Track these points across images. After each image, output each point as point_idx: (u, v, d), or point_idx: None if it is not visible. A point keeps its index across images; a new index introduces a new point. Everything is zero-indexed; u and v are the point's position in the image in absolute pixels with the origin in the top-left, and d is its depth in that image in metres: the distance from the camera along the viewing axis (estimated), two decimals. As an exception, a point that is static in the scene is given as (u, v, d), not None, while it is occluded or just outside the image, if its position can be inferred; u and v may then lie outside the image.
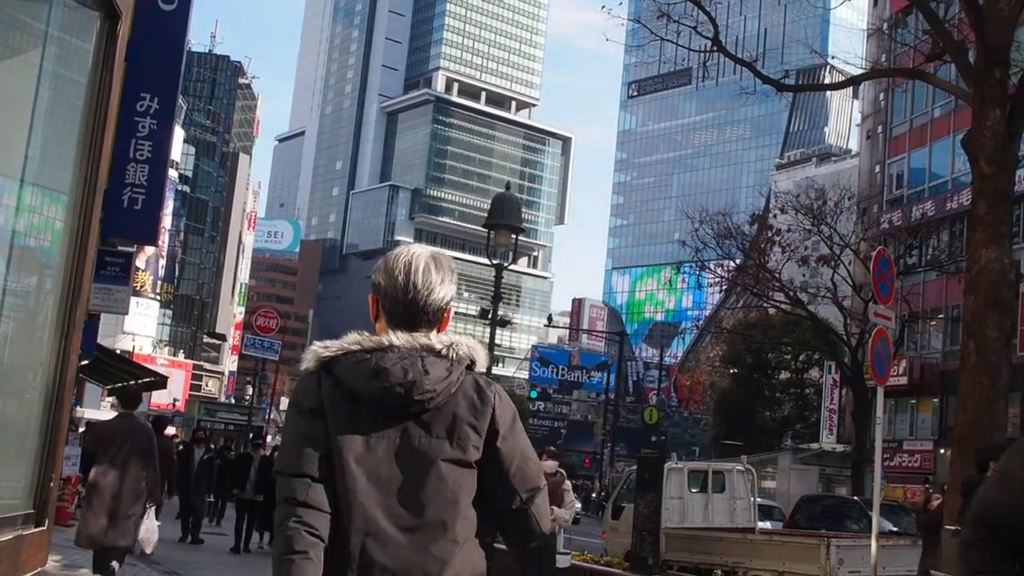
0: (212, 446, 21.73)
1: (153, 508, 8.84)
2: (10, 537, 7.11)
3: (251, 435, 23.55)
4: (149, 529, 8.74)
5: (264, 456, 16.48)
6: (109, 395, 45.66)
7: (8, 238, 7.09)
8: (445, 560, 2.27)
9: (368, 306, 2.52)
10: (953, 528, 6.98)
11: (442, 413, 2.33)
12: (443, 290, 2.44)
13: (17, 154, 7.08)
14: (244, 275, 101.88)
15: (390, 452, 2.31)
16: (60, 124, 7.95)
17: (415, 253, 2.47)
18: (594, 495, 46.34)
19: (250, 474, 15.73)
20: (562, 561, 10.50)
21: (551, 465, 10.27)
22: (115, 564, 8.51)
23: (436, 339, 2.39)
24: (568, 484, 10.62)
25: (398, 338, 2.37)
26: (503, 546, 2.51)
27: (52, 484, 8.11)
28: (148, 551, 9.22)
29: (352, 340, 2.38)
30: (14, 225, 7.13)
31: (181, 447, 21.61)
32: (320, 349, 2.40)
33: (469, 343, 2.43)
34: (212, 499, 18.17)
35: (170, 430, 26.40)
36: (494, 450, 2.36)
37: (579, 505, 12.12)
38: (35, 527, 7.76)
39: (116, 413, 9.57)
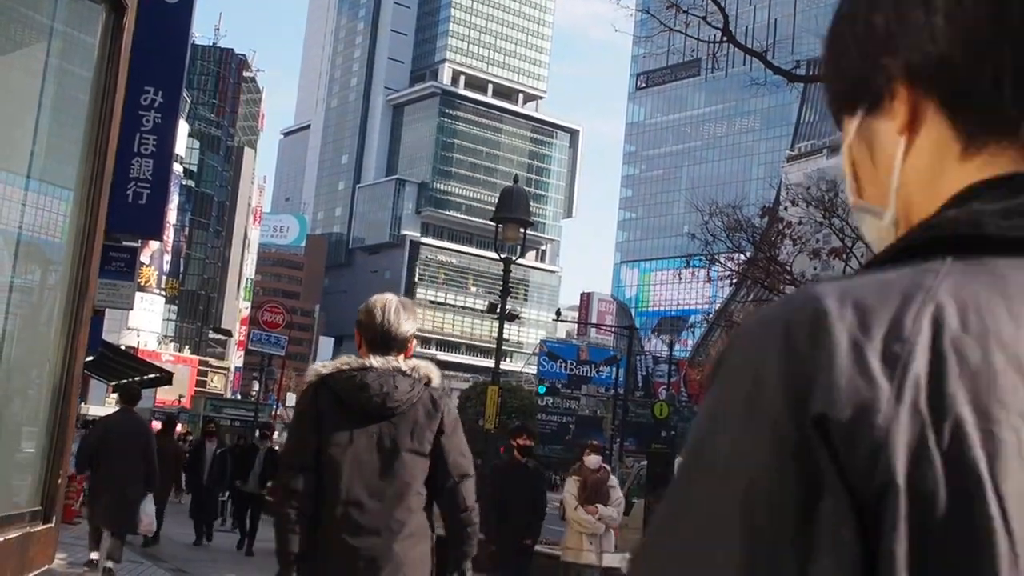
0: (233, 440, 20.69)
1: (150, 495, 9.78)
2: (17, 534, 7.06)
3: (258, 427, 22.90)
4: (146, 512, 9.71)
5: (270, 448, 15.69)
6: (114, 391, 45.75)
7: (15, 234, 7.03)
8: (403, 522, 3.22)
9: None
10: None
11: (406, 417, 3.26)
12: (407, 326, 3.42)
13: (23, 150, 7.02)
14: (249, 270, 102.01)
15: (368, 444, 3.24)
16: (65, 119, 7.88)
17: (388, 299, 3.48)
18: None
19: (254, 466, 15.03)
20: (613, 560, 9.82)
21: (595, 460, 9.68)
22: (112, 562, 9.35)
23: (404, 363, 3.33)
24: (615, 480, 9.95)
25: (376, 361, 3.31)
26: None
27: (59, 481, 8.06)
28: (141, 530, 10.19)
29: (343, 361, 3.37)
30: (21, 221, 7.07)
31: (191, 443, 21.35)
32: (320, 367, 3.42)
33: (427, 366, 3.39)
34: (225, 498, 17.36)
35: (178, 428, 26.30)
36: (439, 444, 3.28)
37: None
38: (42, 524, 7.71)
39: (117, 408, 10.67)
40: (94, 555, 9.61)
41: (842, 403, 0.56)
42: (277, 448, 15.21)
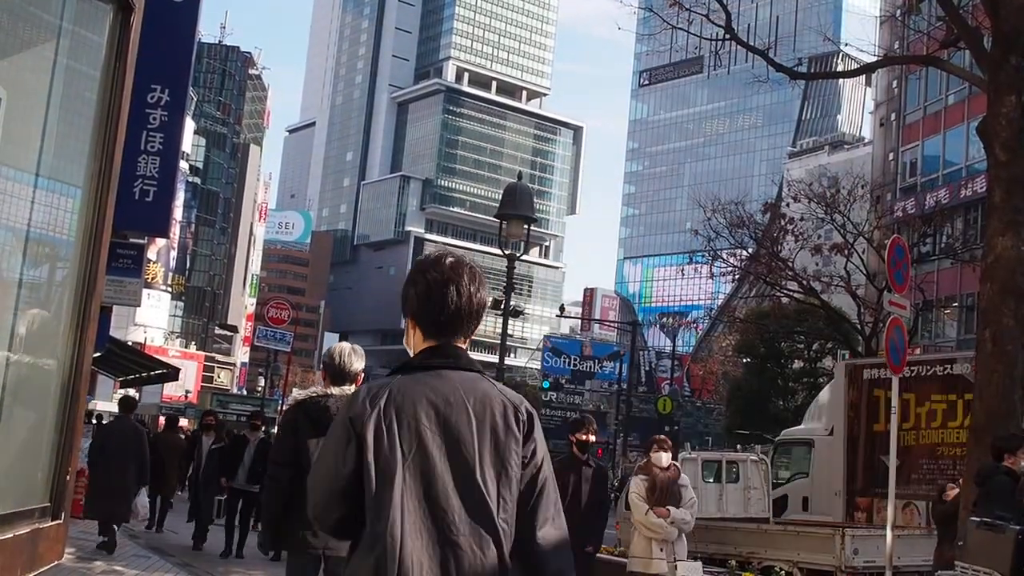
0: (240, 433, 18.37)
1: (143, 488, 11.66)
2: (27, 530, 7.14)
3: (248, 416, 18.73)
4: (141, 504, 11.70)
5: (263, 439, 13.88)
6: (121, 387, 45.79)
7: (24, 232, 7.10)
8: None
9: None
10: (978, 520, 6.91)
11: None
12: (357, 365, 5.08)
13: (32, 148, 7.09)
14: (255, 266, 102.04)
15: None
16: (74, 118, 7.94)
17: (344, 346, 5.16)
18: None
19: (244, 460, 13.30)
20: (691, 569, 8.80)
21: (664, 457, 8.56)
22: (110, 540, 10.82)
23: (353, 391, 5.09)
24: (686, 478, 8.79)
25: (335, 390, 4.96)
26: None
27: (68, 477, 8.14)
28: (138, 518, 12.01)
29: (312, 391, 5.03)
30: (30, 218, 7.13)
31: (189, 434, 21.12)
32: (297, 395, 5.14)
33: None
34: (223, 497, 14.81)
35: (183, 422, 26.27)
36: None
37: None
38: (52, 520, 7.78)
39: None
40: None
41: (356, 414, 2.36)
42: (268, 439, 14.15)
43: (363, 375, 5.05)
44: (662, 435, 9.46)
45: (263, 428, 14.64)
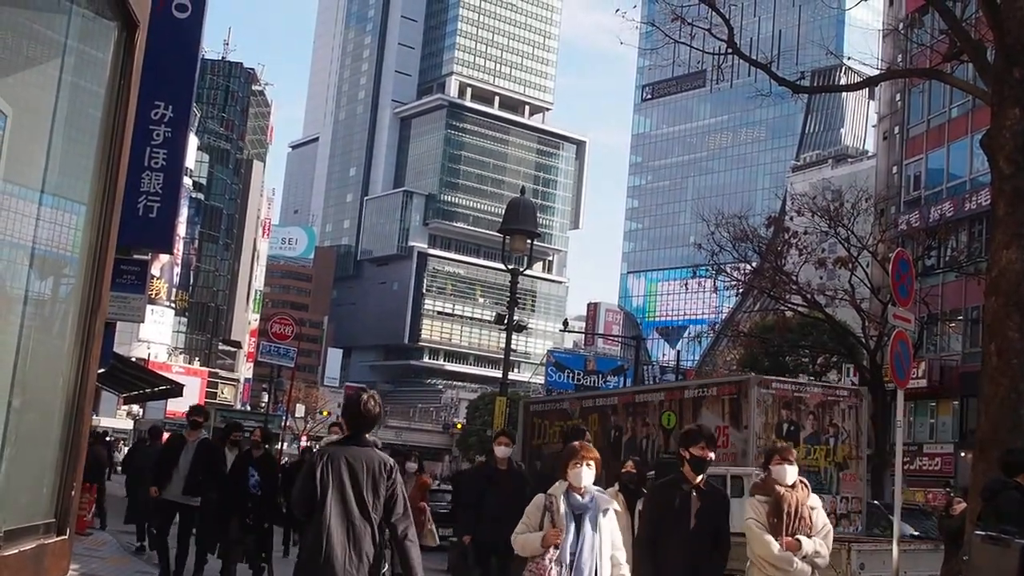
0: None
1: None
2: (32, 546, 7.11)
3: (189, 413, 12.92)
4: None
5: (203, 442, 10.91)
6: (124, 403, 45.85)
7: (29, 249, 7.11)
8: None
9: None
10: (983, 533, 6.86)
11: None
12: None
13: (37, 165, 7.10)
14: (259, 282, 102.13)
15: None
16: (78, 135, 7.95)
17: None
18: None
19: (179, 465, 10.56)
20: None
21: (789, 473, 6.57)
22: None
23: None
24: (816, 500, 6.69)
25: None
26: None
27: (73, 493, 8.12)
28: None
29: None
30: (35, 236, 7.14)
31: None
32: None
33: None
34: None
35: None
36: None
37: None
38: (56, 536, 7.76)
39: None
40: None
41: (314, 463, 5.38)
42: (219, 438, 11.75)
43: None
44: (784, 443, 7.56)
45: (203, 426, 11.58)
